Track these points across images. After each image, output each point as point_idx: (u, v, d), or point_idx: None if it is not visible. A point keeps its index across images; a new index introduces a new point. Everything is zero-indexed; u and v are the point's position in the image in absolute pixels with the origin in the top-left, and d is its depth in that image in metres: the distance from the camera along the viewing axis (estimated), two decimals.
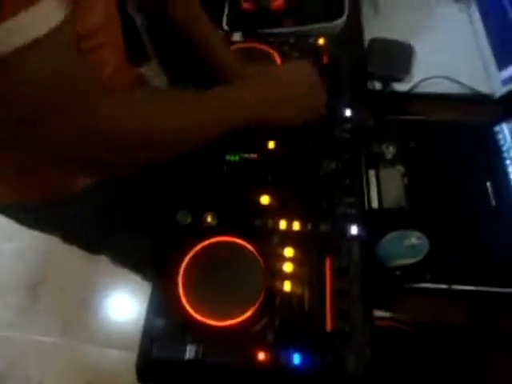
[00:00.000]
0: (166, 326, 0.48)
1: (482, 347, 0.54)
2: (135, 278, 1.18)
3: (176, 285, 0.49)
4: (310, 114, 0.56)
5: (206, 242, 0.52)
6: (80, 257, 1.33)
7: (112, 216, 0.63)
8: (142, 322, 0.48)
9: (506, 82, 0.71)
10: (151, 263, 0.54)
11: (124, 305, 1.31)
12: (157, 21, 1.06)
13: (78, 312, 1.29)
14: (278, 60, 0.67)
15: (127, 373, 1.15)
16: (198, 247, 0.51)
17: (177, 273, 0.50)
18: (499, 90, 0.71)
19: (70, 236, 0.67)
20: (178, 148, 0.46)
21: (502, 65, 0.73)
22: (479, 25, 0.79)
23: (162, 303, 0.50)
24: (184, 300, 0.48)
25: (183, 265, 0.50)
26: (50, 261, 1.38)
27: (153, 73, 1.13)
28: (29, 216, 0.59)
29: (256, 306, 0.47)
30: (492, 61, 0.75)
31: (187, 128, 0.44)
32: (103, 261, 1.30)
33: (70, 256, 1.36)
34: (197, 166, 0.59)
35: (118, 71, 0.51)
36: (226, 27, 0.78)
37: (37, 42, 0.29)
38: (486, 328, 0.54)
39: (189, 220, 0.55)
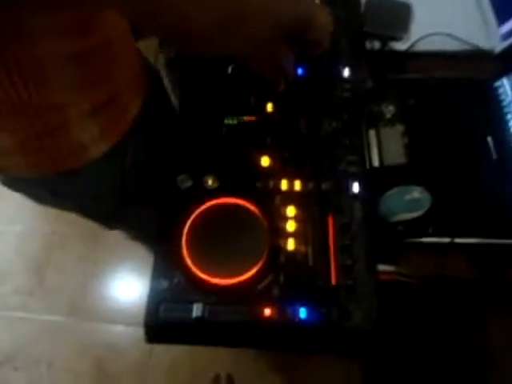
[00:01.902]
0: (171, 286, 0.48)
1: (485, 299, 0.55)
2: (137, 254, 1.19)
3: (180, 246, 0.49)
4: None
5: (208, 204, 0.51)
6: (80, 236, 1.35)
7: (121, 187, 0.62)
8: (144, 299, 0.48)
9: (505, 36, 0.70)
10: None
11: (127, 281, 1.32)
12: None
13: (83, 290, 1.30)
14: None
15: (134, 347, 1.18)
16: (200, 209, 0.51)
17: (180, 235, 0.50)
18: (499, 45, 0.70)
19: (86, 210, 0.67)
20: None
21: (501, 19, 0.71)
22: None
23: (167, 265, 0.50)
24: (188, 260, 0.48)
25: (186, 226, 0.50)
26: (51, 242, 1.39)
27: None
28: (46, 190, 0.59)
29: (260, 263, 0.48)
30: (491, 16, 0.73)
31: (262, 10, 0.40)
32: (103, 239, 1.32)
33: (71, 236, 1.37)
34: (196, 131, 0.59)
35: (126, 32, 0.50)
36: None
37: None
38: (489, 280, 0.55)
39: (190, 184, 0.55)
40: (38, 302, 1.30)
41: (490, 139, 0.61)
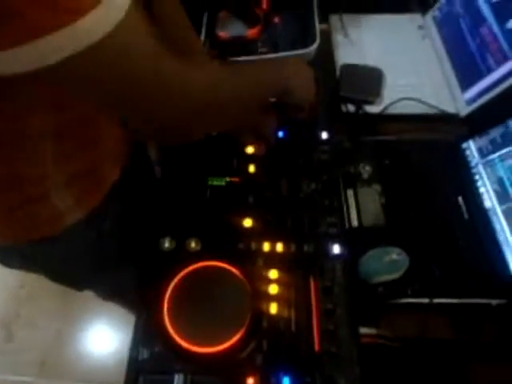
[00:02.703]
0: (151, 356, 0.47)
1: (466, 359, 0.55)
2: (111, 310, 1.15)
3: (161, 313, 0.48)
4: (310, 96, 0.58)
5: (190, 268, 0.51)
6: (52, 290, 1.30)
7: (96, 252, 0.62)
8: (121, 355, 0.47)
9: (469, 102, 0.75)
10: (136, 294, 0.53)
11: (101, 337, 1.26)
12: None
13: (55, 347, 1.23)
14: None
15: None
16: (182, 273, 0.51)
17: (161, 300, 0.49)
18: (464, 110, 0.76)
19: (56, 274, 0.65)
20: (230, 112, 0.46)
21: (464, 86, 0.78)
22: (442, 50, 0.84)
23: (147, 332, 0.49)
24: (170, 328, 0.47)
25: (168, 292, 0.50)
26: (22, 296, 1.33)
27: None
28: (15, 255, 0.57)
29: (243, 330, 0.47)
30: (455, 83, 0.79)
31: (241, 93, 0.45)
32: (77, 294, 1.27)
33: (42, 290, 1.32)
34: (179, 192, 0.59)
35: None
36: None
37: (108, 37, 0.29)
38: (470, 339, 0.56)
39: (172, 246, 0.55)
40: (6, 361, 1.22)
41: (460, 199, 0.64)
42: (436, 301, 0.55)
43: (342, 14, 0.90)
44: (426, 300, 0.55)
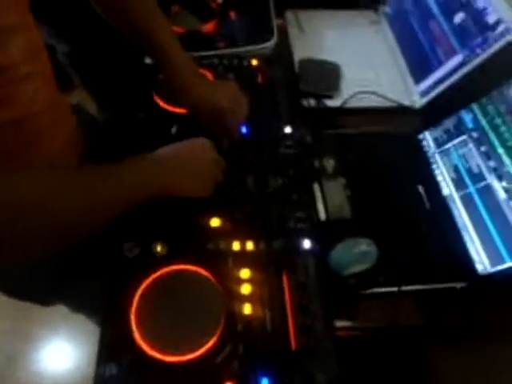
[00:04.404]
0: (119, 371, 0.44)
1: (427, 342, 0.57)
2: (70, 322, 1.09)
3: (128, 323, 0.45)
4: (207, 185, 0.55)
5: (157, 273, 0.49)
6: (3, 306, 1.20)
7: (61, 263, 0.57)
8: (79, 372, 0.43)
9: (423, 94, 0.78)
10: None
11: (61, 353, 1.18)
12: (79, 48, 1.02)
13: (10, 368, 1.14)
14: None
15: None
16: (149, 280, 0.48)
17: (128, 309, 0.46)
18: (419, 102, 0.78)
19: (17, 288, 0.60)
20: (80, 225, 0.42)
21: (417, 79, 0.80)
22: (394, 44, 0.86)
23: (114, 345, 0.45)
24: (139, 339, 0.44)
25: (135, 300, 0.47)
26: None
27: (83, 101, 1.09)
28: None
29: (217, 334, 0.45)
30: (409, 76, 0.82)
31: (91, 204, 0.41)
32: (31, 308, 1.18)
33: None
34: None
35: (51, 103, 0.48)
36: None
37: None
38: (436, 323, 0.57)
39: (137, 252, 0.52)
40: None
41: (421, 189, 0.66)
42: (404, 288, 0.56)
43: (297, 9, 0.90)
44: (395, 288, 0.56)
